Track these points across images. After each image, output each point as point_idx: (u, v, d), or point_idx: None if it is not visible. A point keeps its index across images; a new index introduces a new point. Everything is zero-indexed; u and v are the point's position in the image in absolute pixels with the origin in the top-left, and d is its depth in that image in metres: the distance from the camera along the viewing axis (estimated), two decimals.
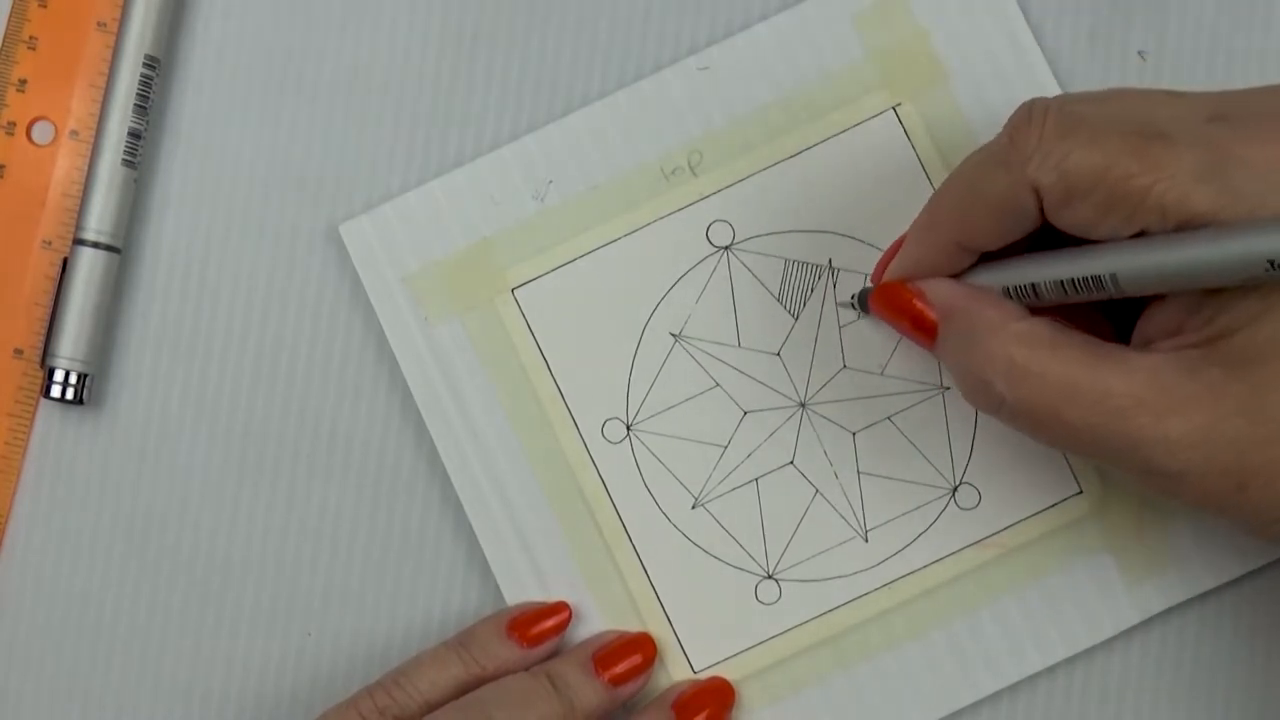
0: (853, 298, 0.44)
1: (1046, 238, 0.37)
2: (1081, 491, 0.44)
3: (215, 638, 0.45)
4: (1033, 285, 0.38)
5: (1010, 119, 0.37)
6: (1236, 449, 0.35)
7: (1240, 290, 0.35)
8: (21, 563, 0.46)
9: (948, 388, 0.44)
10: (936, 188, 0.44)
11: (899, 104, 0.44)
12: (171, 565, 0.45)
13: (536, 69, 0.46)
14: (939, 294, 0.39)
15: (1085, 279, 0.36)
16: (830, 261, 0.44)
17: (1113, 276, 0.36)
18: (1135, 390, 0.35)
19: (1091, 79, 0.45)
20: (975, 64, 0.44)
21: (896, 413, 0.44)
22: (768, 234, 0.44)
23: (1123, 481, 0.44)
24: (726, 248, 0.44)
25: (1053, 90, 0.44)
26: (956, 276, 0.39)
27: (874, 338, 0.44)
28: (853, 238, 0.44)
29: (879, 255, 0.44)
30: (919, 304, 0.39)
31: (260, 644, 0.45)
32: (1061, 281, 0.37)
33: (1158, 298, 0.37)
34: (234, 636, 0.45)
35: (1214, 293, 0.35)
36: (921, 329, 0.40)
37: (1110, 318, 0.40)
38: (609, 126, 0.45)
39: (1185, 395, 0.35)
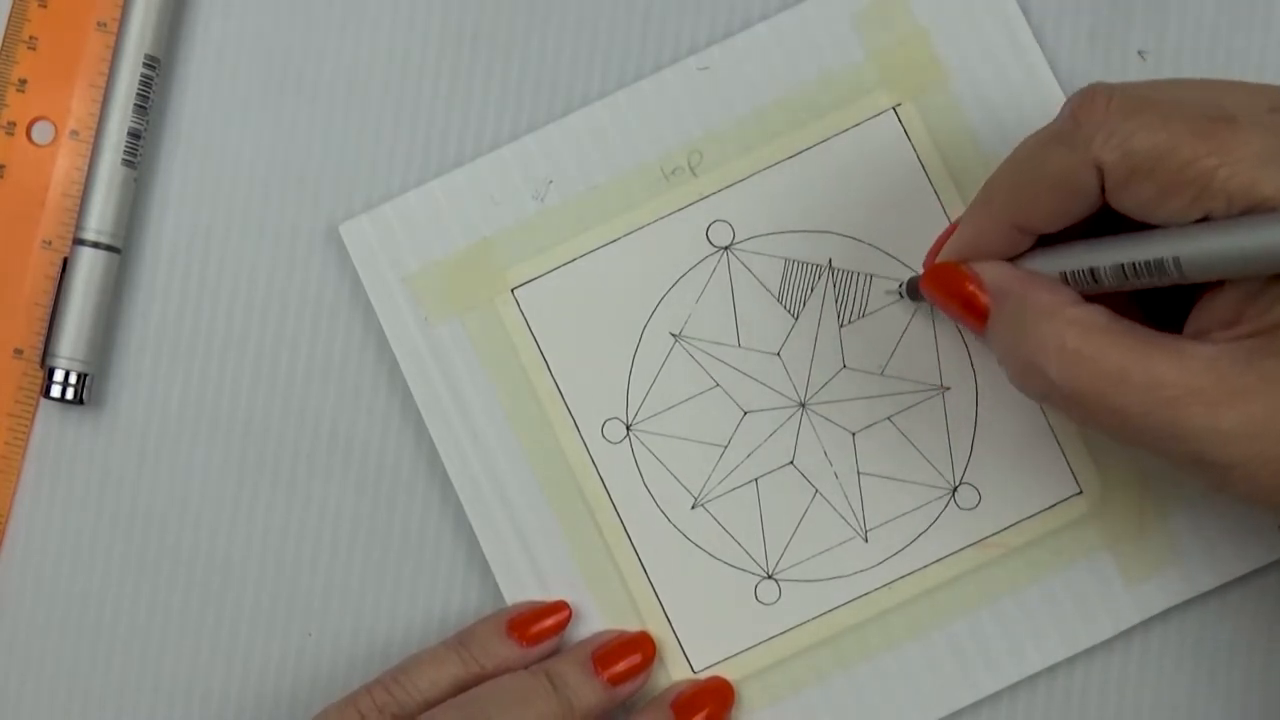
0: (901, 286, 0.44)
1: (1100, 228, 0.37)
2: (1081, 491, 0.44)
3: (215, 638, 0.45)
4: (1091, 270, 0.37)
5: (1069, 100, 0.36)
6: None
7: None
8: (21, 563, 0.45)
9: (948, 388, 0.44)
10: (937, 187, 0.44)
11: (899, 104, 0.44)
12: (171, 565, 0.45)
13: (536, 69, 0.46)
14: (992, 276, 0.39)
15: (1147, 263, 0.36)
16: (830, 261, 0.44)
17: (1176, 260, 0.35)
18: (1188, 380, 0.35)
19: (1091, 79, 0.44)
20: (975, 64, 0.44)
21: (896, 413, 0.44)
22: (768, 234, 0.44)
23: (1123, 481, 0.44)
24: (726, 248, 0.44)
25: (1053, 90, 0.44)
26: (1012, 260, 0.39)
27: (874, 338, 0.44)
28: (853, 238, 0.44)
29: (879, 255, 0.44)
30: (971, 286, 0.39)
31: (260, 644, 0.45)
32: (1122, 265, 0.36)
33: (1213, 287, 0.36)
34: (234, 636, 0.45)
35: (1273, 281, 0.35)
36: (973, 312, 0.39)
37: (1154, 317, 0.39)
38: (609, 126, 0.45)
39: (1240, 386, 0.34)
